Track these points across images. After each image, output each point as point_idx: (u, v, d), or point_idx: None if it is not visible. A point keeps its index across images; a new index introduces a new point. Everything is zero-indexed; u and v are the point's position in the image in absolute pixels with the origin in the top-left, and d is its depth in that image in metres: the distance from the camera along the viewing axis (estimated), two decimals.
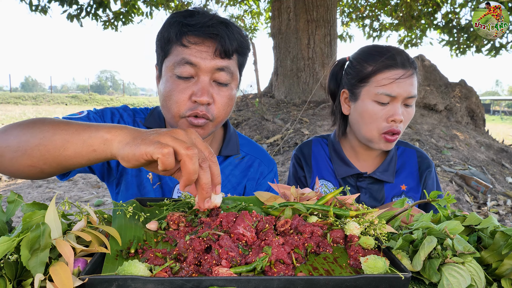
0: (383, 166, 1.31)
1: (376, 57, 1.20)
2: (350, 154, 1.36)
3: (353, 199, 0.86)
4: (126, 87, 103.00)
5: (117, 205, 0.77)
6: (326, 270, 0.64)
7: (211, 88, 0.99)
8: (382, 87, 1.16)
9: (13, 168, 0.78)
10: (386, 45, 1.24)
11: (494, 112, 37.80)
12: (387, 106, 1.17)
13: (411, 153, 1.37)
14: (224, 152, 1.20)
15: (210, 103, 1.00)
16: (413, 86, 1.18)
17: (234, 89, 1.06)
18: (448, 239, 0.64)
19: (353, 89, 1.25)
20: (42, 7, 7.14)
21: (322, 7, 7.24)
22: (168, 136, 0.66)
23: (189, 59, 0.96)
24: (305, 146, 1.42)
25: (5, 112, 16.91)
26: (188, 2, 9.09)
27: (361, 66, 1.22)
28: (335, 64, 1.35)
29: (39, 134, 0.75)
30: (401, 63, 1.16)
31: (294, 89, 7.69)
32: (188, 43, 0.97)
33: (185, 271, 0.59)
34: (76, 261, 0.58)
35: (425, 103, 7.13)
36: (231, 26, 1.00)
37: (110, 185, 1.19)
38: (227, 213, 0.75)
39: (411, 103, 1.19)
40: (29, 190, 4.80)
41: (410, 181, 1.33)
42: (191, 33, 0.97)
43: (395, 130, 1.17)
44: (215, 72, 0.99)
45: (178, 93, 0.99)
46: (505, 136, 10.58)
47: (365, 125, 1.22)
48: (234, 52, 1.01)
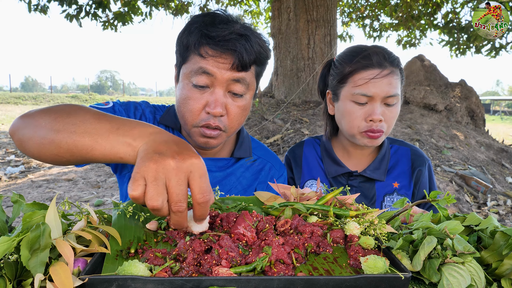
0: (374, 164, 1.31)
1: (353, 58, 1.20)
2: (341, 153, 1.37)
3: (353, 199, 0.86)
4: (126, 87, 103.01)
5: (117, 205, 0.77)
6: (326, 270, 0.64)
7: (225, 99, 1.01)
8: (358, 87, 1.17)
9: (39, 153, 0.79)
10: (367, 45, 1.24)
11: (494, 112, 37.80)
12: (366, 106, 1.18)
13: (405, 151, 1.37)
14: (237, 154, 1.22)
15: (223, 115, 1.02)
16: (392, 85, 1.16)
17: (249, 99, 1.07)
18: (448, 239, 0.64)
19: (335, 89, 1.27)
20: (41, 6, 7.14)
21: (322, 7, 7.25)
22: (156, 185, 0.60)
23: (206, 68, 0.97)
24: (297, 147, 1.44)
25: (5, 112, 16.90)
26: (188, 2, 9.08)
27: (341, 67, 1.23)
28: (324, 66, 1.37)
29: (71, 128, 0.75)
30: (377, 62, 1.16)
31: (294, 89, 7.69)
32: (206, 54, 0.98)
33: (185, 271, 0.59)
34: (76, 261, 0.58)
35: (425, 103, 7.13)
36: (250, 38, 0.99)
37: (121, 178, 1.19)
38: (227, 213, 0.75)
39: (392, 102, 1.18)
40: (29, 190, 4.80)
41: (403, 179, 1.33)
42: (209, 46, 0.98)
43: (374, 130, 1.18)
44: (230, 83, 1.00)
45: (193, 102, 1.00)
46: (505, 136, 10.58)
47: (346, 124, 1.23)
48: (252, 64, 1.02)
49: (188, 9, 9.04)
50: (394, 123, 1.24)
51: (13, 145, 7.86)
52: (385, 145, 1.35)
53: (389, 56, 1.19)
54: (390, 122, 1.21)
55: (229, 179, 1.21)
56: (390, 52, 1.22)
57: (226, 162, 1.22)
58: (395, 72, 1.18)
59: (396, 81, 1.18)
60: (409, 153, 1.36)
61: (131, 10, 7.81)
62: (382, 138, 1.22)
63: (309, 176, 1.37)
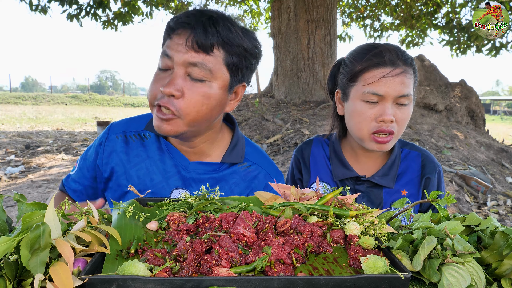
0: (383, 170, 1.25)
1: (364, 55, 1.15)
2: (350, 155, 1.31)
3: (353, 199, 0.86)
4: (126, 87, 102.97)
5: (117, 205, 0.77)
6: (326, 270, 0.64)
7: (183, 82, 0.95)
8: (368, 86, 1.11)
9: None
10: (379, 43, 1.19)
11: (494, 112, 37.80)
12: (377, 106, 1.12)
13: (415, 156, 1.30)
14: (227, 159, 1.14)
15: (176, 96, 0.95)
16: (404, 84, 1.11)
17: (215, 88, 0.98)
18: (448, 239, 0.64)
19: (345, 88, 1.21)
20: (42, 7, 7.15)
21: (322, 7, 7.25)
22: None
23: (166, 51, 0.96)
24: (305, 147, 1.38)
25: (5, 112, 16.91)
26: (188, 2, 9.09)
27: (352, 65, 1.18)
28: (333, 65, 1.33)
29: None
30: (389, 60, 1.11)
31: (294, 89, 7.69)
32: (171, 33, 0.97)
33: (185, 271, 0.59)
34: (76, 261, 0.58)
35: (425, 103, 7.13)
36: (217, 20, 0.94)
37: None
38: (227, 213, 0.75)
39: (404, 102, 1.13)
40: (29, 190, 4.80)
41: (411, 187, 1.26)
42: (173, 25, 0.97)
43: (385, 130, 1.12)
44: (188, 66, 0.95)
45: (153, 83, 1.00)
46: (505, 136, 10.57)
47: (355, 125, 1.17)
48: (215, 47, 0.95)
49: (188, 9, 9.04)
50: (405, 125, 1.17)
51: (13, 145, 7.87)
52: (395, 149, 1.28)
53: (402, 55, 1.14)
54: (402, 124, 1.15)
55: (220, 185, 1.13)
56: (403, 50, 1.16)
57: (217, 166, 1.15)
58: (408, 71, 1.13)
59: (409, 80, 1.13)
60: (419, 159, 1.29)
61: (131, 10, 7.82)
62: (392, 142, 1.16)
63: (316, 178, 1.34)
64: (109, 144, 1.17)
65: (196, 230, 0.75)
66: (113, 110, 22.49)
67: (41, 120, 14.02)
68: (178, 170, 1.13)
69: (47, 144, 8.22)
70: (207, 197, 0.87)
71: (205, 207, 0.85)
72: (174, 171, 1.13)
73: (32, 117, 14.97)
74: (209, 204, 0.86)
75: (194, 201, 0.85)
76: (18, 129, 11.02)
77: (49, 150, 7.50)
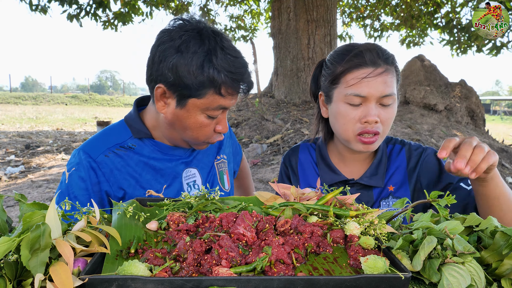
0: (371, 170, 1.24)
1: (344, 56, 1.13)
2: (337, 159, 1.30)
3: (353, 199, 0.86)
4: (126, 87, 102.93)
5: (117, 205, 0.77)
6: (326, 270, 0.64)
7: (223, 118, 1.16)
8: (350, 88, 1.10)
9: None
10: (359, 43, 1.17)
11: (494, 112, 37.79)
12: (360, 107, 1.11)
13: (399, 149, 1.28)
14: None
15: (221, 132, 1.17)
16: (387, 84, 1.09)
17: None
18: (448, 239, 0.64)
19: (328, 91, 1.20)
20: (42, 7, 7.15)
21: (322, 7, 7.25)
22: None
23: (224, 105, 1.07)
24: (292, 154, 1.38)
25: (5, 112, 16.92)
26: (188, 2, 9.09)
27: (333, 67, 1.17)
28: (315, 67, 1.30)
29: None
30: (370, 60, 1.09)
31: (294, 89, 7.69)
32: (226, 93, 1.05)
33: (185, 271, 0.59)
34: (76, 261, 0.58)
35: (425, 103, 7.14)
36: (250, 71, 1.12)
37: None
38: (227, 213, 0.75)
39: (387, 103, 1.10)
40: (29, 190, 4.80)
41: (397, 181, 1.25)
42: (231, 88, 1.05)
43: (370, 131, 1.10)
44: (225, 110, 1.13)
45: (206, 129, 1.11)
46: (505, 136, 10.58)
47: (340, 127, 1.16)
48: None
49: (188, 9, 9.05)
50: (391, 125, 1.16)
51: (13, 145, 7.87)
52: (381, 148, 1.27)
53: (383, 54, 1.12)
54: (387, 124, 1.13)
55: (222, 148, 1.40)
56: (384, 49, 1.14)
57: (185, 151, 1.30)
58: (390, 70, 1.11)
59: (392, 79, 1.11)
60: (404, 152, 1.28)
61: (131, 10, 7.82)
62: (378, 142, 1.15)
63: (305, 185, 1.31)
64: (104, 166, 1.11)
65: (196, 230, 0.75)
66: (113, 110, 22.50)
67: (41, 120, 14.03)
68: (179, 157, 1.24)
69: (47, 144, 8.23)
70: (207, 197, 0.87)
71: (205, 207, 0.85)
72: (176, 158, 1.23)
73: (32, 117, 14.97)
74: (209, 204, 0.86)
75: (194, 201, 0.86)
76: (18, 129, 11.03)
77: (49, 150, 7.50)
